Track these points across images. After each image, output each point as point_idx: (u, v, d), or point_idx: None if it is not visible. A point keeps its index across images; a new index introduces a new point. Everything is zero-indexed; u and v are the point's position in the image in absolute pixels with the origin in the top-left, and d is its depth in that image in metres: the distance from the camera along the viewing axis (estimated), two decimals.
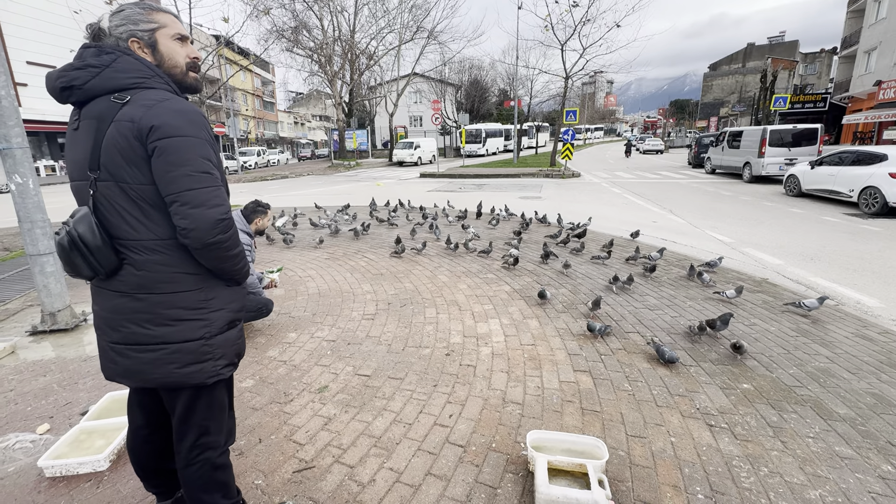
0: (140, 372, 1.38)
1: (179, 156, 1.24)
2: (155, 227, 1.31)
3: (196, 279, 1.38)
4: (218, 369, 1.44)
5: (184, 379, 1.39)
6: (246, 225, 3.48)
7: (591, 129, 68.79)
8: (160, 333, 1.35)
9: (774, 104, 20.70)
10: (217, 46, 12.70)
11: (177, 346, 1.36)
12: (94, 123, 1.25)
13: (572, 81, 21.58)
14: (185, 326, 1.36)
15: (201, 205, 1.26)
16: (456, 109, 39.47)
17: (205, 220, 1.26)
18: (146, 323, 1.34)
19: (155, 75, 1.33)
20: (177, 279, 1.35)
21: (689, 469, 2.04)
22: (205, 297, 1.40)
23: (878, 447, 2.16)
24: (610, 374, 2.89)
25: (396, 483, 1.99)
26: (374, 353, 3.23)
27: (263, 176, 22.31)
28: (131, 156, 1.24)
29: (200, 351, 1.39)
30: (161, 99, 1.27)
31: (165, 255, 1.33)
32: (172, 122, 1.23)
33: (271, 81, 57.70)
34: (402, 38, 30.85)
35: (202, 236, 1.27)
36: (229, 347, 1.48)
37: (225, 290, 1.45)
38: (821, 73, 47.55)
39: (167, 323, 1.35)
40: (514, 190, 14.17)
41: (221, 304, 1.44)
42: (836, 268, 5.41)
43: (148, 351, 1.35)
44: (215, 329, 1.42)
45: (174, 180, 1.24)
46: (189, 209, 1.25)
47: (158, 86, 1.32)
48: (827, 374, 2.84)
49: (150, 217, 1.30)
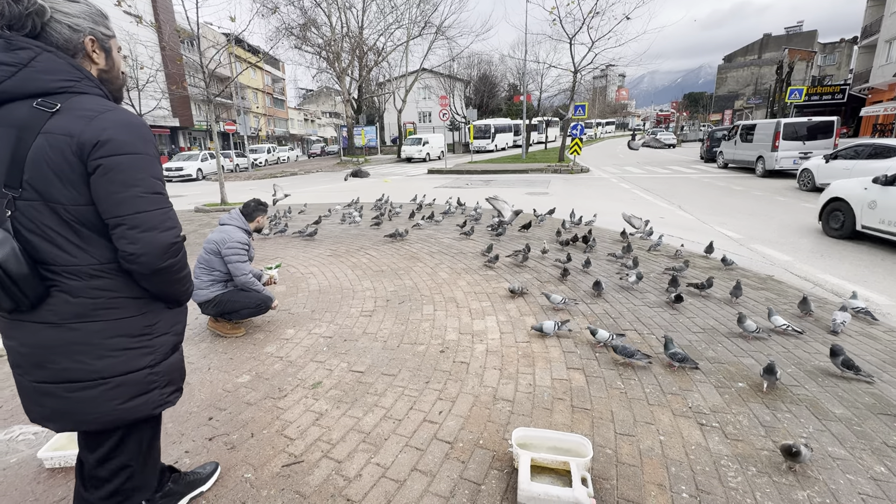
0: (74, 413, 1.23)
1: (129, 175, 1.13)
2: (94, 251, 1.19)
3: (140, 303, 1.28)
4: (165, 397, 1.36)
5: (126, 415, 1.28)
6: (245, 224, 3.53)
7: (602, 124, 67.90)
8: (101, 367, 1.22)
9: (790, 96, 20.19)
10: (226, 45, 12.79)
11: (120, 378, 1.24)
12: (13, 133, 1.09)
13: (581, 75, 21.34)
14: (129, 356, 1.26)
15: (153, 228, 1.17)
16: (465, 105, 39.31)
17: (156, 244, 1.17)
18: (83, 356, 1.20)
19: (85, 78, 1.18)
20: (119, 304, 1.23)
21: (675, 468, 2.03)
22: (149, 322, 1.30)
23: (873, 448, 2.12)
24: (603, 372, 2.87)
25: (382, 478, 2.01)
26: (369, 350, 3.26)
27: (273, 173, 22.55)
28: (67, 174, 1.10)
29: (146, 381, 1.29)
30: (101, 109, 1.14)
31: (106, 279, 1.21)
32: (121, 137, 1.12)
33: (281, 79, 58.10)
34: (411, 34, 30.79)
35: (152, 262, 1.18)
36: (175, 373, 1.40)
37: (168, 313, 1.37)
38: (840, 63, 46.26)
39: (109, 354, 1.22)
40: (522, 186, 14.09)
41: (166, 327, 1.35)
42: (847, 264, 5.29)
43: (85, 389, 1.22)
44: (160, 355, 1.33)
45: (123, 202, 1.13)
46: (139, 233, 1.15)
47: (90, 91, 1.18)
48: (825, 374, 2.79)
49: (87, 240, 1.18)
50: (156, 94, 28.04)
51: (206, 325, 3.72)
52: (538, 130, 38.73)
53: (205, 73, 10.85)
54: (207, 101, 11.14)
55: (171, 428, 2.42)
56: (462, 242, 6.43)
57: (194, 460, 2.16)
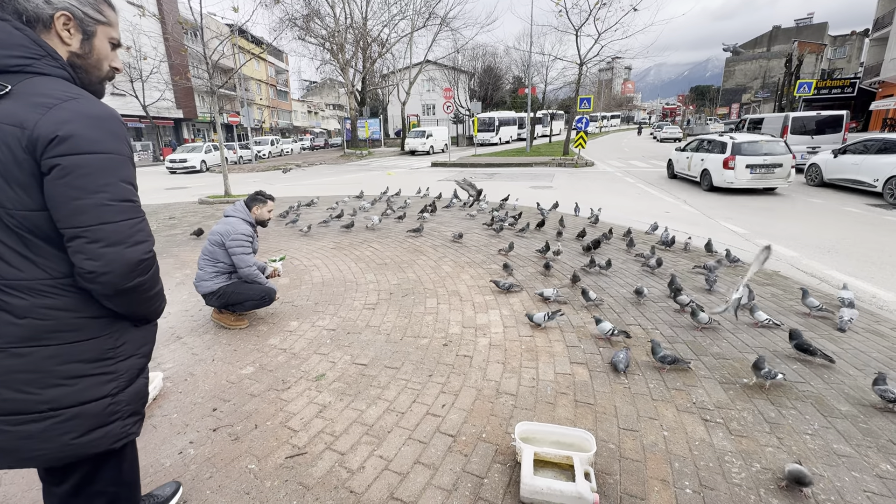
0: (16, 450, 1.04)
1: (93, 179, 0.95)
2: (46, 264, 1.01)
3: (103, 323, 1.10)
4: (128, 429, 1.17)
5: (83, 450, 1.09)
6: (248, 215, 3.52)
7: (608, 117, 67.34)
8: (50, 397, 1.03)
9: (798, 90, 19.90)
10: (230, 35, 12.72)
11: (75, 410, 1.06)
12: None
13: (587, 68, 21.11)
14: (87, 383, 1.07)
15: (119, 243, 0.99)
16: (469, 97, 39.02)
17: (122, 262, 1.00)
18: (27, 386, 1.01)
19: (47, 55, 0.99)
20: (78, 326, 1.06)
21: (679, 463, 2.02)
22: (113, 345, 1.12)
23: (879, 446, 2.11)
24: (607, 367, 2.86)
25: (385, 470, 2.02)
26: (372, 343, 3.26)
27: (276, 165, 22.53)
28: (14, 173, 0.93)
29: (106, 412, 1.11)
30: (65, 97, 0.96)
31: (61, 298, 1.03)
32: (85, 132, 0.94)
33: (285, 70, 57.87)
34: (415, 25, 30.49)
35: (116, 282, 1.00)
36: (139, 401, 1.21)
37: (136, 333, 1.18)
38: (850, 56, 45.49)
39: (60, 383, 1.04)
40: (526, 179, 14.01)
41: (133, 349, 1.17)
42: (854, 260, 5.24)
43: (30, 422, 1.02)
44: (124, 381, 1.14)
45: (83, 210, 0.95)
46: (101, 248, 0.97)
47: (52, 72, 1.00)
48: (832, 370, 2.77)
49: (37, 251, 1.00)
50: (159, 86, 28.02)
51: (209, 317, 3.73)
52: (543, 123, 38.44)
53: (208, 64, 10.81)
54: (211, 92, 11.10)
55: (176, 418, 2.43)
56: (467, 236, 6.41)
57: (199, 451, 2.17)
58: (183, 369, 2.95)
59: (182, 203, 11.13)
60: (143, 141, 32.39)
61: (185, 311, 3.97)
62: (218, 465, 2.08)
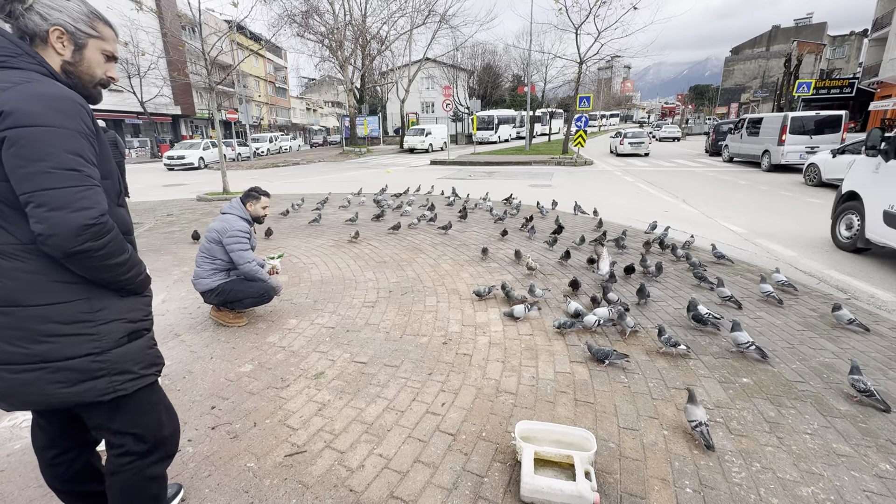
0: (17, 394, 1.20)
1: (34, 149, 1.06)
2: (14, 229, 1.13)
3: (76, 289, 1.21)
4: (115, 385, 1.27)
5: (75, 398, 1.23)
6: (244, 211, 3.50)
7: (607, 116, 67.34)
8: (38, 351, 1.18)
9: (797, 90, 19.92)
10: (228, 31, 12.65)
11: (60, 364, 1.19)
12: None
13: (587, 66, 21.09)
14: (67, 342, 1.20)
15: (62, 207, 1.08)
16: (468, 95, 38.93)
17: (66, 225, 1.08)
18: (18, 341, 1.16)
19: (24, 53, 1.15)
20: (49, 289, 1.17)
21: (679, 462, 2.02)
22: (89, 308, 1.23)
23: (878, 445, 2.11)
24: (606, 366, 2.86)
25: (385, 469, 2.01)
26: (371, 341, 3.25)
27: (275, 163, 22.46)
28: None
29: (91, 368, 1.23)
30: (21, 81, 1.09)
31: (30, 262, 1.15)
32: (28, 108, 1.06)
33: (284, 67, 57.64)
34: (414, 23, 30.37)
35: (63, 244, 1.09)
36: (132, 361, 1.31)
37: (118, 301, 1.29)
38: (849, 56, 45.53)
39: (44, 340, 1.17)
40: (525, 177, 14.01)
41: (114, 314, 1.27)
42: (852, 260, 5.25)
43: (25, 371, 1.18)
44: (109, 343, 1.25)
45: (28, 177, 1.06)
46: (45, 212, 1.07)
47: (26, 66, 1.14)
48: (831, 370, 2.77)
49: (6, 217, 1.13)
50: (157, 82, 27.88)
51: (208, 315, 3.72)
52: (542, 122, 38.41)
53: (206, 61, 10.75)
54: (209, 88, 11.05)
55: None
56: (464, 234, 6.40)
57: (197, 449, 2.16)
58: (181, 367, 2.94)
59: (180, 200, 11.08)
60: (140, 137, 32.26)
61: (183, 309, 3.95)
62: (217, 463, 2.07)
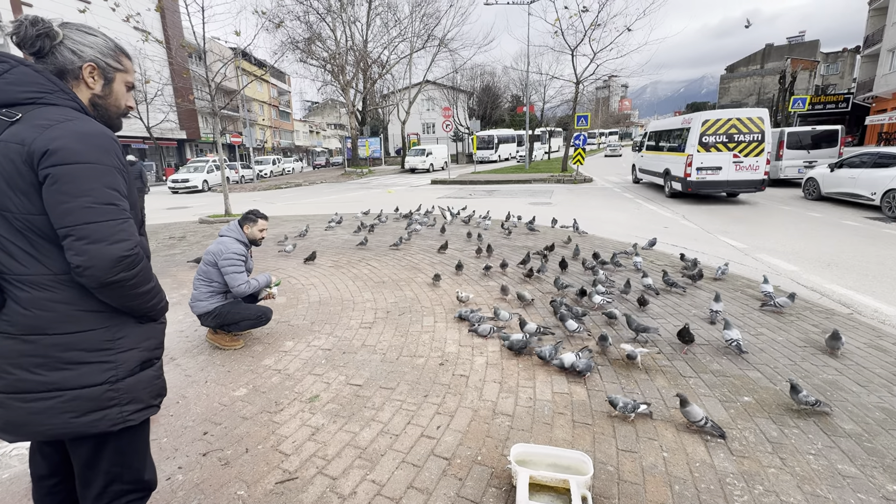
0: (26, 424, 1.20)
1: (77, 185, 1.11)
2: (48, 261, 1.17)
3: (100, 317, 1.24)
4: (125, 416, 1.28)
5: (83, 429, 1.23)
6: (242, 234, 3.53)
7: (606, 134, 68.10)
8: (54, 379, 1.18)
9: (793, 105, 20.18)
10: (232, 58, 12.99)
11: (75, 392, 1.20)
12: None
13: (584, 86, 21.45)
14: (87, 370, 1.21)
15: (101, 240, 1.13)
16: (468, 116, 39.56)
17: (104, 257, 1.13)
18: (37, 368, 1.17)
19: (59, 90, 1.19)
20: (76, 318, 1.20)
21: (679, 486, 1.97)
22: (111, 337, 1.25)
23: (885, 465, 2.05)
24: (606, 386, 2.82)
25: (377, 496, 1.97)
26: (367, 363, 3.22)
27: (278, 184, 22.72)
28: (18, 182, 1.11)
29: (104, 397, 1.24)
30: (61, 119, 1.13)
31: (61, 292, 1.18)
32: (72, 146, 1.10)
33: (287, 91, 58.92)
34: (414, 47, 31.17)
35: (100, 275, 1.14)
36: (142, 390, 1.32)
37: (138, 328, 1.32)
38: (843, 72, 46.22)
39: (64, 367, 1.19)
40: (525, 195, 14.09)
41: (133, 343, 1.30)
42: (854, 274, 5.21)
43: (38, 400, 1.18)
44: (123, 371, 1.27)
45: (70, 212, 1.11)
46: (85, 244, 1.11)
47: (62, 102, 1.18)
48: (834, 387, 2.72)
49: (40, 249, 1.16)
50: (163, 108, 28.50)
51: (204, 338, 3.70)
52: (541, 141, 38.87)
53: (210, 87, 11.01)
54: (213, 114, 11.27)
55: (166, 443, 2.38)
56: (463, 253, 6.40)
57: (187, 476, 2.12)
58: (175, 392, 2.91)
59: (182, 223, 11.19)
60: (146, 162, 32.77)
61: (180, 332, 3.94)
62: (206, 491, 2.02)
